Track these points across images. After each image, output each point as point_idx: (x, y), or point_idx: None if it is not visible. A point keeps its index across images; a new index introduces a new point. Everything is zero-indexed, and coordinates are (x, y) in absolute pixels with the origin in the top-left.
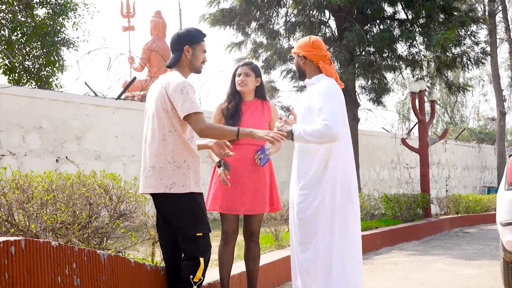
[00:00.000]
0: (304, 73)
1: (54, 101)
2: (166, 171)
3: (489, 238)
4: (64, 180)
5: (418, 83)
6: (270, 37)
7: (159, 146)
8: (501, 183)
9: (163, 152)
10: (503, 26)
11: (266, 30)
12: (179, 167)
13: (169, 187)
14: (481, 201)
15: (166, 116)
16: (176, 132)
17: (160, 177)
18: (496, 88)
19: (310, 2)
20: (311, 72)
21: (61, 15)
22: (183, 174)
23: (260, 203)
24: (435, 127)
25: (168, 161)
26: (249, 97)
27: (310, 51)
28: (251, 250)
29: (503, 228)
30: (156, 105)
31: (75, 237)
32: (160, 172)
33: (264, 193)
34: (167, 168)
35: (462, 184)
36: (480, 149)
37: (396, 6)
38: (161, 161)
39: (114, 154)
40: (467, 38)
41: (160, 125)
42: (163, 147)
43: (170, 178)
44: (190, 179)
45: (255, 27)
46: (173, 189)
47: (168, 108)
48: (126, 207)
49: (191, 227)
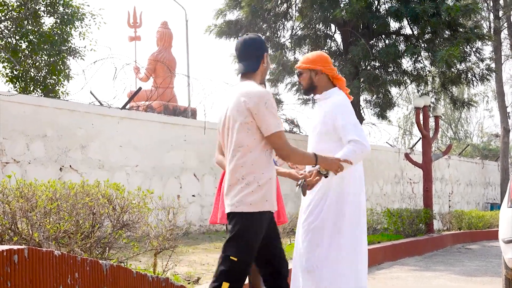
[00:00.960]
0: (315, 88)
1: (59, 109)
2: (236, 189)
3: (491, 255)
4: (68, 189)
5: (422, 98)
6: (276, 49)
7: (231, 161)
8: (504, 200)
9: (234, 168)
10: (508, 43)
11: (272, 43)
12: (249, 185)
13: (235, 206)
14: (483, 218)
15: (242, 129)
16: (249, 147)
17: (231, 195)
18: (501, 105)
19: (316, 16)
20: (323, 87)
21: (68, 25)
22: (251, 191)
23: None
24: (439, 142)
25: (237, 178)
26: None
27: (327, 65)
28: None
29: (505, 245)
30: (229, 117)
31: (78, 247)
32: (230, 190)
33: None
34: (236, 186)
35: (465, 200)
36: (484, 166)
37: (402, 21)
38: (232, 178)
39: (118, 164)
40: (472, 55)
41: (233, 139)
42: (235, 163)
43: (237, 197)
44: (259, 197)
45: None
46: (239, 207)
47: (247, 120)
48: (129, 217)
49: (231, 248)
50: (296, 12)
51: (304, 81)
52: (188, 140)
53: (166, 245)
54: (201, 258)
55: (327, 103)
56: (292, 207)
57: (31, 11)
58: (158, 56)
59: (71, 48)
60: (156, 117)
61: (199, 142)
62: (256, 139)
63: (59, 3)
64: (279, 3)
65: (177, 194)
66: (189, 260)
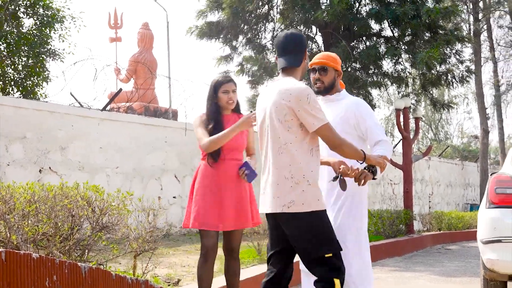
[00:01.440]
0: (333, 89)
1: (38, 111)
2: (284, 188)
3: (470, 255)
4: (47, 191)
5: (403, 100)
6: (257, 51)
7: (275, 160)
8: (482, 201)
9: (279, 167)
10: (487, 45)
11: (254, 45)
12: (298, 184)
13: (287, 206)
14: (463, 218)
15: (282, 127)
16: (292, 145)
17: (277, 195)
18: (480, 106)
19: (297, 17)
20: (337, 88)
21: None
22: (303, 191)
23: (242, 218)
24: (420, 144)
25: (285, 177)
26: (227, 111)
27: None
28: (231, 266)
29: (483, 246)
30: (270, 115)
31: (57, 249)
32: (277, 189)
33: (246, 208)
34: (284, 185)
35: (445, 201)
36: (463, 167)
37: (383, 23)
38: (278, 177)
39: (98, 166)
40: (452, 57)
41: (275, 137)
42: (280, 162)
43: (288, 196)
44: (310, 196)
45: (243, 41)
46: (291, 208)
47: (287, 118)
48: (109, 219)
49: (317, 248)
50: (278, 14)
51: (328, 80)
52: (169, 141)
53: (146, 247)
54: (181, 260)
55: (345, 103)
56: None
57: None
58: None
59: (50, 50)
60: (137, 118)
61: (180, 144)
62: (298, 137)
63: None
64: (261, 5)
65: (158, 196)
66: (169, 262)
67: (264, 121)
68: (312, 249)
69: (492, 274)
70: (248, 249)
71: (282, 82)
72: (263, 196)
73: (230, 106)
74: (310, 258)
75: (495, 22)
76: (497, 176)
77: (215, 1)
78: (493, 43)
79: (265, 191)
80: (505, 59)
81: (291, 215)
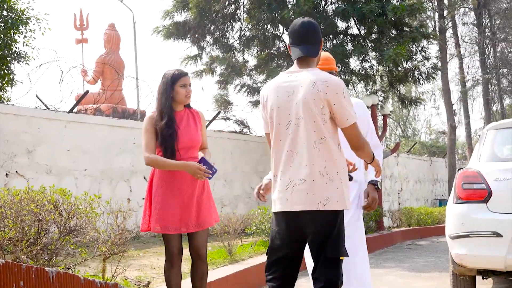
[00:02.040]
0: None
1: (4, 114)
2: (319, 185)
3: (440, 251)
4: (12, 196)
5: (370, 97)
6: (225, 51)
7: (310, 155)
8: (450, 197)
9: (315, 162)
10: (453, 42)
11: (221, 44)
12: (332, 180)
13: (323, 204)
14: (432, 214)
15: (319, 120)
16: (328, 140)
17: (312, 192)
18: (447, 102)
19: (264, 17)
20: None
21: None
22: (337, 188)
23: (205, 217)
24: (388, 140)
25: (320, 173)
26: (179, 107)
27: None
28: (199, 269)
29: (452, 241)
30: (305, 106)
31: (24, 254)
32: (312, 185)
33: (207, 207)
34: (320, 181)
35: (414, 197)
36: (432, 162)
37: (349, 21)
38: (313, 173)
39: (66, 168)
40: (418, 54)
41: (310, 130)
42: (316, 157)
43: (324, 193)
44: (344, 194)
45: (210, 41)
46: (327, 205)
47: (324, 111)
48: (77, 223)
49: (337, 248)
50: (244, 14)
51: None
52: (138, 142)
53: (115, 249)
54: (151, 262)
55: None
56: (243, 208)
57: None
58: (105, 58)
59: (15, 53)
60: (105, 120)
61: None
62: (331, 132)
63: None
64: (227, 5)
65: (127, 198)
66: (139, 264)
67: (289, 114)
68: (333, 249)
69: (461, 269)
70: (219, 249)
71: (313, 73)
72: (288, 193)
73: (187, 100)
74: (326, 258)
75: (460, 19)
76: (464, 171)
77: (182, 1)
78: (459, 40)
79: (294, 188)
80: (470, 56)
81: (323, 213)
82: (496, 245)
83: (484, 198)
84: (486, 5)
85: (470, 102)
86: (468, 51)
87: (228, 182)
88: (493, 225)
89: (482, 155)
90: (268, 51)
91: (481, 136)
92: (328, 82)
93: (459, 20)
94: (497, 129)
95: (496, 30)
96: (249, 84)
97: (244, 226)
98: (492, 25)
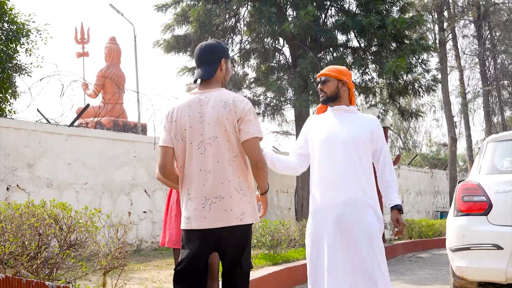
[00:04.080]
0: (338, 98)
1: (5, 128)
2: (236, 201)
3: (441, 263)
4: (13, 210)
5: (370, 109)
6: None
7: (226, 173)
8: (450, 210)
9: (231, 179)
10: (453, 54)
11: None
12: (245, 195)
13: (240, 219)
14: (433, 226)
15: (232, 139)
16: (241, 157)
17: (230, 208)
18: (447, 114)
19: (264, 30)
20: (345, 100)
21: (14, 41)
22: (249, 202)
23: None
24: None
25: (236, 189)
26: None
27: (350, 80)
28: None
29: (452, 253)
30: (220, 125)
31: (24, 268)
32: (229, 202)
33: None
34: (236, 197)
35: (415, 209)
36: (433, 174)
37: (349, 34)
38: (230, 190)
39: (66, 182)
40: (418, 66)
41: (223, 149)
42: (232, 174)
43: (240, 208)
44: (255, 208)
45: None
46: (243, 219)
47: (234, 130)
48: (77, 237)
49: (249, 261)
50: (244, 27)
51: (330, 89)
52: (138, 156)
53: (115, 263)
54: (152, 275)
55: (361, 116)
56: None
57: None
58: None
59: (17, 65)
60: (105, 133)
61: (149, 158)
62: (240, 148)
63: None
64: (227, 18)
65: (128, 211)
66: (140, 278)
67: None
68: (247, 262)
69: (461, 282)
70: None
71: (222, 93)
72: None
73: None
74: (241, 271)
75: (460, 31)
76: (464, 184)
77: (182, 15)
78: (459, 52)
79: (211, 206)
80: (470, 68)
81: (240, 227)
82: (497, 258)
83: (484, 210)
84: (486, 17)
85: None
86: (468, 63)
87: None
88: (493, 237)
89: (482, 168)
90: (268, 64)
91: (481, 149)
92: (237, 101)
93: (459, 32)
94: (497, 141)
95: (496, 42)
96: (249, 97)
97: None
98: (492, 37)
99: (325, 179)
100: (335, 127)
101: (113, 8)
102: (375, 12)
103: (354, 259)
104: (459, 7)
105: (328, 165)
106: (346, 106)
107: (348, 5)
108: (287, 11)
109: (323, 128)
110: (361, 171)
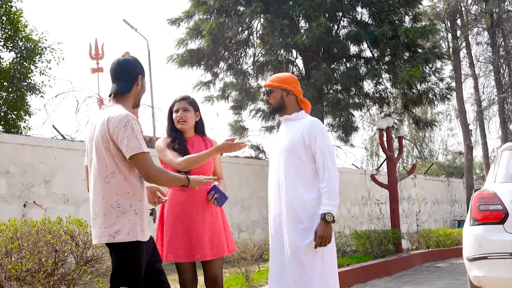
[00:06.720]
0: (284, 108)
1: (21, 145)
2: (111, 218)
3: (459, 273)
4: (29, 227)
5: (385, 119)
6: (238, 76)
7: (102, 190)
8: (466, 219)
9: (106, 196)
10: (467, 61)
11: (235, 70)
12: (125, 213)
13: (113, 236)
14: (451, 235)
15: (108, 156)
16: (120, 174)
17: (104, 225)
18: (463, 122)
19: (277, 42)
20: (292, 108)
21: (28, 60)
22: (129, 220)
23: (218, 245)
24: (405, 162)
25: (112, 206)
26: (190, 133)
27: (296, 87)
28: None
29: (469, 263)
30: (97, 143)
31: (41, 285)
32: (104, 219)
33: (220, 234)
34: (111, 215)
35: (432, 218)
36: (449, 183)
37: (362, 45)
38: (105, 207)
39: (82, 197)
40: (432, 75)
41: (101, 166)
42: (107, 191)
43: (114, 226)
44: (137, 226)
45: (224, 67)
46: (117, 238)
47: (110, 146)
48: (93, 252)
49: (117, 277)
50: (257, 39)
51: (274, 100)
52: None
53: None
54: None
55: (301, 122)
56: (260, 233)
57: None
58: None
59: (30, 84)
60: None
61: None
62: (125, 165)
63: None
64: (240, 31)
65: None
66: None
67: (92, 148)
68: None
69: None
70: (236, 275)
71: (108, 110)
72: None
73: (179, 125)
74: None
75: (474, 39)
76: (480, 193)
77: (195, 29)
78: (473, 60)
79: (93, 222)
80: (485, 75)
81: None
82: None
83: (500, 219)
84: (500, 25)
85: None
86: (482, 71)
87: (245, 207)
88: (510, 246)
89: (498, 176)
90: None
91: (496, 157)
92: (111, 119)
93: (472, 40)
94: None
95: (511, 49)
96: (264, 109)
97: (262, 251)
98: (506, 44)
99: (271, 190)
100: (280, 137)
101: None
102: (388, 22)
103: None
104: (472, 15)
105: (272, 175)
106: (293, 114)
107: (360, 15)
108: (300, 23)
109: (275, 139)
110: (300, 180)
